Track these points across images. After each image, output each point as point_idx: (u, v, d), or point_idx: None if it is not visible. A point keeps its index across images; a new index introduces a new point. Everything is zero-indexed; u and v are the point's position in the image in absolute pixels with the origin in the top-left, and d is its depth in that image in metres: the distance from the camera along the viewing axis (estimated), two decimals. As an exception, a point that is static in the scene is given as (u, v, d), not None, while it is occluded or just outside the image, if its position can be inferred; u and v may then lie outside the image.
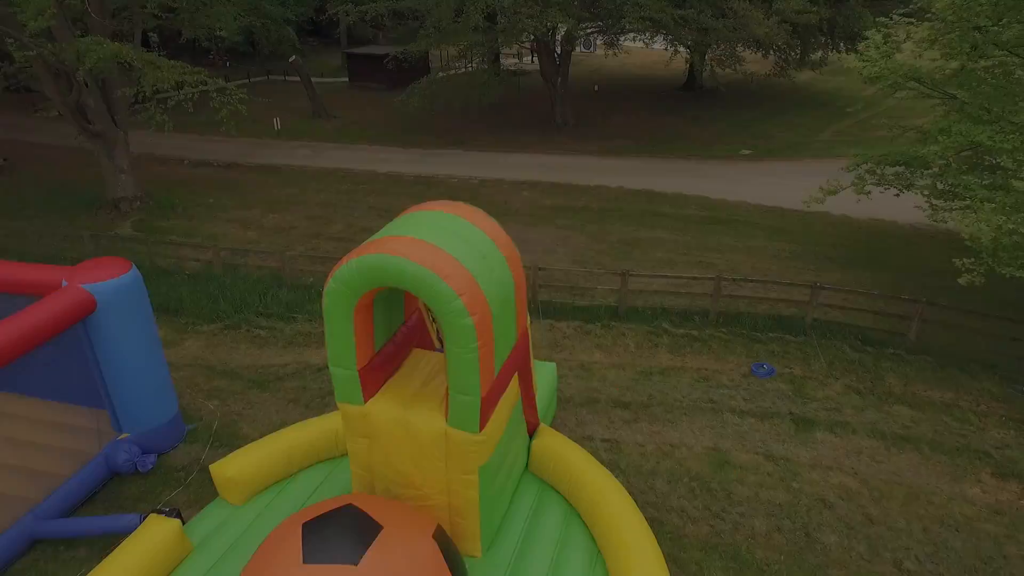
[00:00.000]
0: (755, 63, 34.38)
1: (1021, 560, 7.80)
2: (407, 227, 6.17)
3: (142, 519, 7.73)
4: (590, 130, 28.01)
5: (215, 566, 7.28)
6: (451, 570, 5.84)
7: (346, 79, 42.70)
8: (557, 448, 8.07)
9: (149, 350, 9.35)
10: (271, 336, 12.74)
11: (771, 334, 12.35)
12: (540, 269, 13.19)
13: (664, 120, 29.72)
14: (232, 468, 7.97)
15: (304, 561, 5.41)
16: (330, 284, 5.96)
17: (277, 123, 27.95)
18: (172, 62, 16.42)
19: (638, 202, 19.43)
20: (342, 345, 6.23)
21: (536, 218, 18.28)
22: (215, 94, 16.39)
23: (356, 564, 5.36)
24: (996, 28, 11.21)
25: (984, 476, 9.12)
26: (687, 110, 31.54)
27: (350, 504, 6.09)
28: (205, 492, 9.14)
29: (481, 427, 6.16)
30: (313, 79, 33.99)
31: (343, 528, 5.71)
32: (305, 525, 5.77)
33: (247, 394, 11.12)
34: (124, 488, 9.20)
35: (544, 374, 9.51)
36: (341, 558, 5.41)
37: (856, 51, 15.20)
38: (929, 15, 12.45)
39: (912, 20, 12.91)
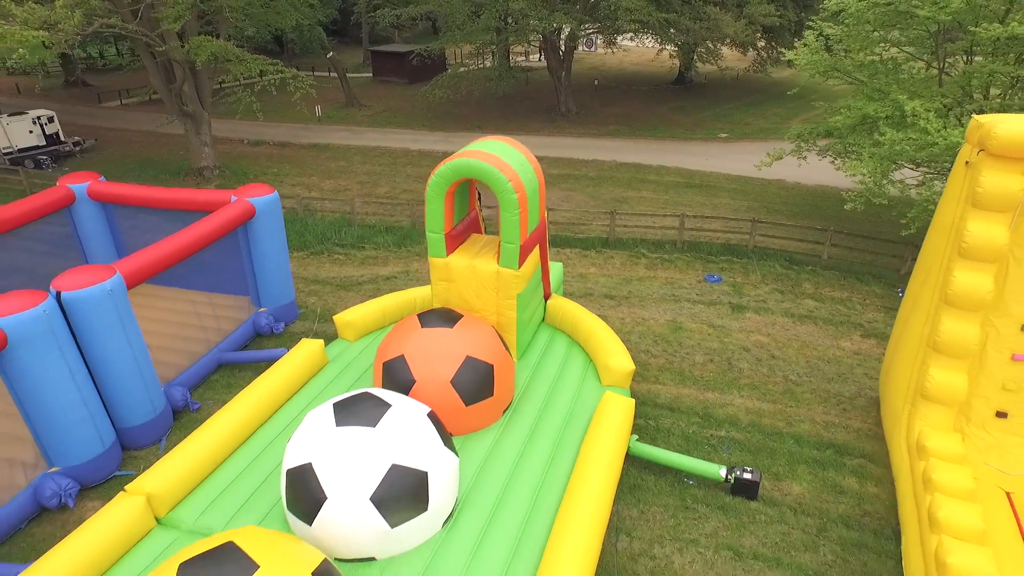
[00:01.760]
0: (739, 60, 38.65)
1: (863, 376, 11.97)
2: (476, 147, 10.33)
3: (287, 351, 11.92)
4: (590, 117, 32.21)
5: (342, 372, 11.42)
6: (503, 344, 10.02)
7: (368, 74, 46.87)
8: (563, 305, 12.24)
9: (282, 248, 13.54)
10: (348, 258, 16.94)
11: (721, 257, 16.53)
12: (549, 210, 17.39)
13: (655, 110, 33.88)
14: (349, 315, 12.13)
15: (422, 326, 9.62)
16: (432, 178, 10.12)
17: (318, 110, 32.16)
18: (255, 56, 20.61)
19: (628, 172, 23.62)
20: (436, 217, 10.39)
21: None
22: (291, 80, 20.63)
23: (452, 327, 9.56)
24: (882, 33, 15.41)
25: (855, 337, 13.29)
26: (676, 101, 35.70)
27: (443, 307, 10.33)
28: (320, 347, 13.30)
29: (519, 265, 10.33)
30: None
31: (443, 313, 9.91)
32: (419, 314, 9.97)
33: (336, 293, 15.31)
34: (265, 343, 13.38)
35: (555, 268, 13.70)
36: (444, 324, 9.60)
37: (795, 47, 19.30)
38: (842, 20, 16.60)
39: (830, 24, 17.03)
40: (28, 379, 8.78)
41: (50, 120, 25.82)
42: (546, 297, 12.44)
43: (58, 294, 9.12)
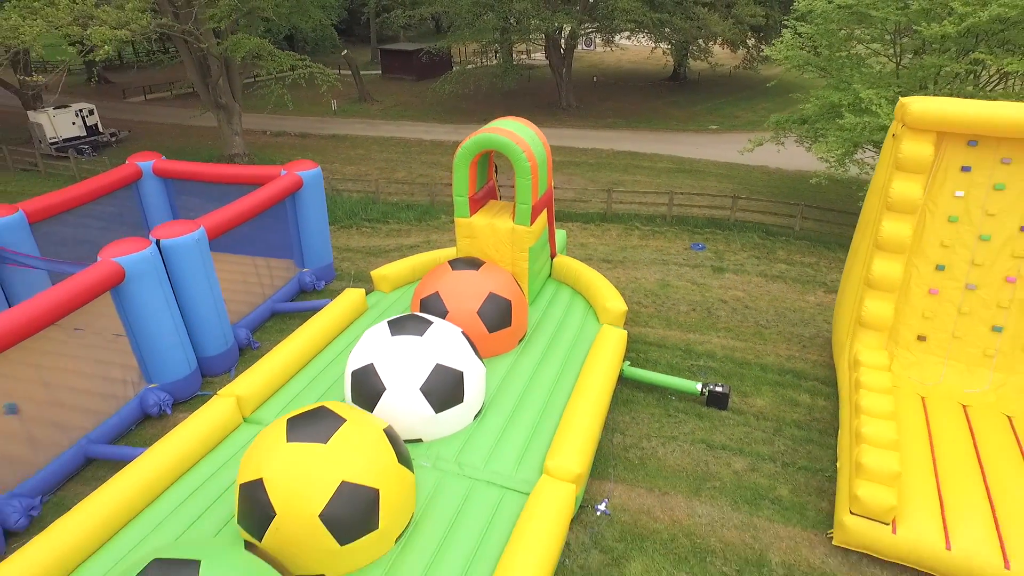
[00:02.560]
0: (731, 58, 40.75)
1: (823, 322, 14.07)
2: (496, 124, 12.42)
3: (329, 301, 13.99)
4: (589, 111, 34.31)
5: (380, 315, 13.51)
6: (518, 286, 12.12)
7: (377, 71, 48.95)
8: (567, 262, 14.33)
9: (323, 216, 15.62)
10: (374, 231, 19.04)
11: (706, 229, 18.64)
12: (555, 188, 19.47)
13: (650, 104, 35.99)
14: (384, 271, 14.22)
15: (452, 270, 11.71)
16: (459, 150, 12.20)
17: (335, 104, 34.24)
18: (286, 52, 22.69)
19: (624, 159, 25.72)
20: (462, 183, 12.47)
21: (548, 169, 24.56)
22: (318, 74, 22.72)
23: (477, 270, 11.66)
24: (847, 32, 17.52)
25: (818, 292, 15.40)
26: (670, 96, 37.82)
27: (468, 256, 12.44)
28: (356, 302, 15.37)
29: (531, 223, 12.42)
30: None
31: (469, 260, 11.99)
32: (450, 261, 12.07)
33: (366, 259, 17.40)
34: (308, 297, 15.46)
35: (560, 234, 15.79)
36: (470, 268, 11.69)
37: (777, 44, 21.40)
38: (811, 19, 18.71)
39: (803, 23, 19.14)
40: (136, 308, 10.86)
41: (90, 113, 27.91)
42: (552, 256, 14.53)
43: (158, 241, 11.20)
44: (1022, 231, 10.32)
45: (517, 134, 12.12)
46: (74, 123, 27.35)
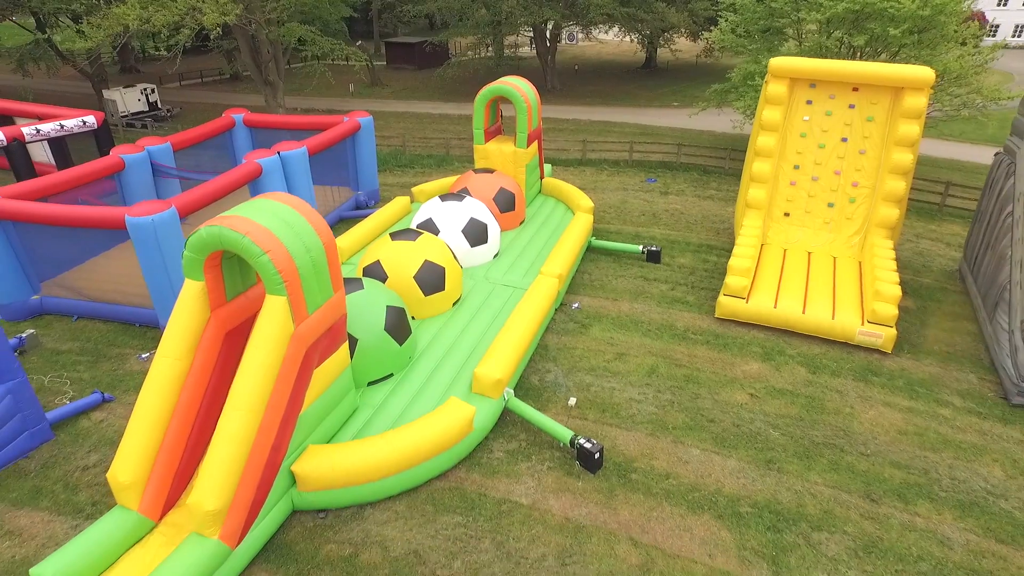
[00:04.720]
0: (695, 48, 46.66)
1: (731, 219, 19.84)
2: (503, 79, 18.04)
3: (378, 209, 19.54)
4: (571, 92, 40.05)
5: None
6: (520, 188, 17.72)
7: (382, 62, 54.35)
8: (552, 181, 19.99)
9: (372, 152, 21.15)
10: (404, 173, 24.59)
11: (658, 169, 24.40)
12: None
13: (624, 87, 41.81)
14: (423, 187, 19.76)
15: (474, 173, 17.29)
16: (478, 96, 17.80)
17: (351, 87, 39.69)
18: (325, 38, 28.13)
19: (598, 126, 31.47)
20: (479, 119, 18.06)
21: (537, 133, 30.20)
22: (353, 55, 28.17)
23: (492, 174, 17.27)
24: (766, 21, 23.38)
25: (739, 206, 21.16)
26: (641, 81, 43.67)
27: (487, 167, 18.07)
28: (398, 216, 20.94)
29: (527, 146, 18.04)
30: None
31: (486, 169, 17.58)
32: (472, 169, 17.66)
33: (402, 190, 22.92)
34: (362, 209, 20.97)
35: (547, 166, 21.44)
36: (487, 173, 17.28)
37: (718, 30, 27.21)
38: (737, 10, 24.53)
39: (732, 11, 24.94)
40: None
41: (152, 91, 33.15)
42: (541, 177, 20.19)
43: (279, 152, 16.69)
44: (843, 141, 16.13)
45: (517, 84, 17.80)
46: (139, 100, 32.57)
